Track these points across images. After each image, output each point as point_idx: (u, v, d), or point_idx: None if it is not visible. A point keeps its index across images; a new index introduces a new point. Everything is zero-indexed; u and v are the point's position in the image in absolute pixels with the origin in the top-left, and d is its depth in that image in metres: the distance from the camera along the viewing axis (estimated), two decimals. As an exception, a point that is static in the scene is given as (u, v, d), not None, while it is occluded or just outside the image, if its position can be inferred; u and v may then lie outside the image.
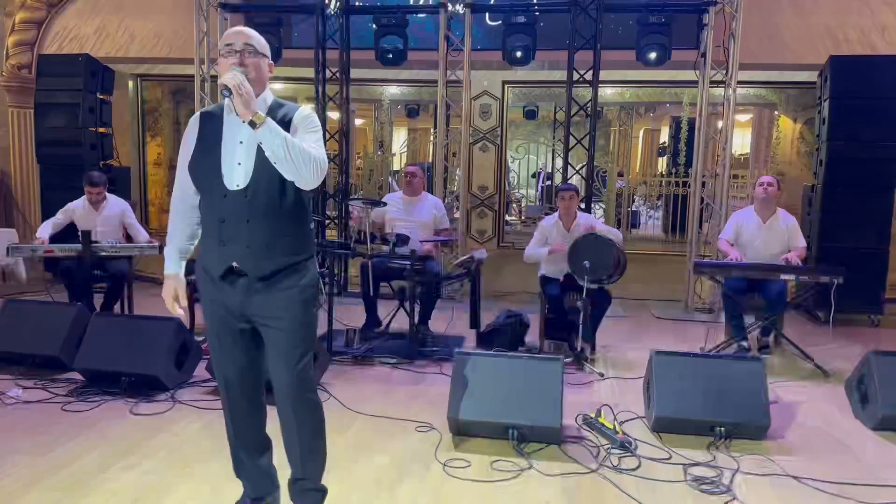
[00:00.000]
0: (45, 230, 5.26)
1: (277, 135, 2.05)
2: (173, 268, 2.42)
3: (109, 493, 2.77)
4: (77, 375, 4.10)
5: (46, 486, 2.82)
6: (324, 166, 2.14)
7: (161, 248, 5.11)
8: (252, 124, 2.04)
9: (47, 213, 7.18)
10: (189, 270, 2.37)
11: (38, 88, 7.21)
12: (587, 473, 3.05)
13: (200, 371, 4.21)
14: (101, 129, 7.32)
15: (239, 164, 2.18)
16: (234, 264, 2.22)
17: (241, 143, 2.18)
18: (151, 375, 3.87)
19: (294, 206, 2.22)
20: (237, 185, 2.18)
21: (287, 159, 2.06)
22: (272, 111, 2.22)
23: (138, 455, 3.13)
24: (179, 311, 2.44)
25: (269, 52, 2.28)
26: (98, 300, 5.34)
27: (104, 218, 5.44)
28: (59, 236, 5.34)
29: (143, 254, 5.14)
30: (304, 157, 2.07)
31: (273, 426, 2.43)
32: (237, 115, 2.10)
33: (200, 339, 4.51)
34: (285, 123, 2.19)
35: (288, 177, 2.12)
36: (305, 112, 2.24)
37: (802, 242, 5.12)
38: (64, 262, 5.21)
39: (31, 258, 5.80)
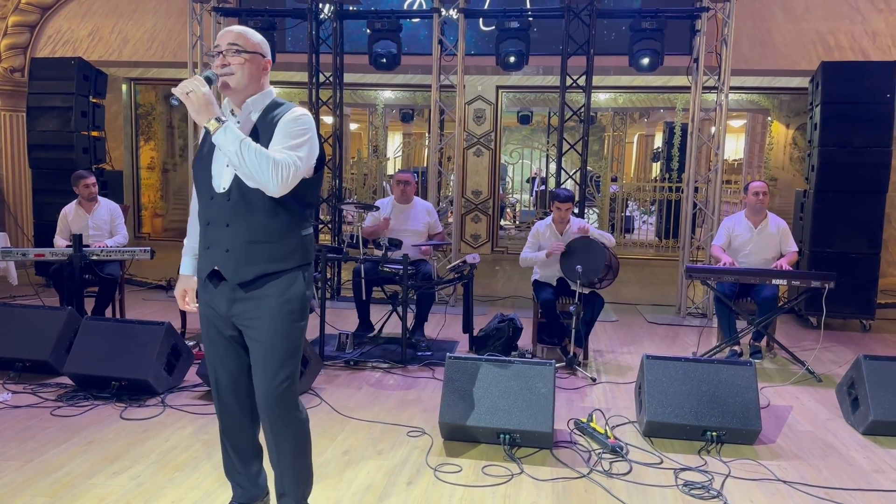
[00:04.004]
0: (59, 242, 5.30)
1: (233, 140, 1.99)
2: (185, 268, 2.42)
3: (98, 498, 2.75)
4: (67, 380, 4.08)
5: (35, 492, 2.80)
6: (287, 172, 2.03)
7: (153, 253, 5.10)
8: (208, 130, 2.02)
9: (39, 216, 7.18)
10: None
11: (31, 92, 7.19)
12: (578, 478, 3.05)
13: (191, 376, 4.20)
14: (94, 133, 7.30)
15: (227, 166, 2.14)
16: (216, 268, 2.19)
17: None
18: (142, 380, 3.85)
19: (280, 211, 2.15)
20: (223, 188, 2.16)
21: (241, 165, 2.00)
22: (267, 112, 2.18)
23: (128, 460, 3.11)
24: (192, 307, 2.42)
25: (263, 49, 2.19)
26: (89, 304, 5.32)
27: (95, 220, 5.43)
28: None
29: (135, 258, 5.10)
30: (260, 162, 1.99)
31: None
32: (233, 114, 2.20)
33: (192, 343, 4.50)
34: (273, 125, 2.14)
35: (249, 183, 2.06)
36: (295, 114, 2.15)
37: (794, 246, 5.14)
38: (55, 266, 5.20)
39: (23, 262, 5.77)
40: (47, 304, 5.15)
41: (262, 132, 2.14)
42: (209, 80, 2.08)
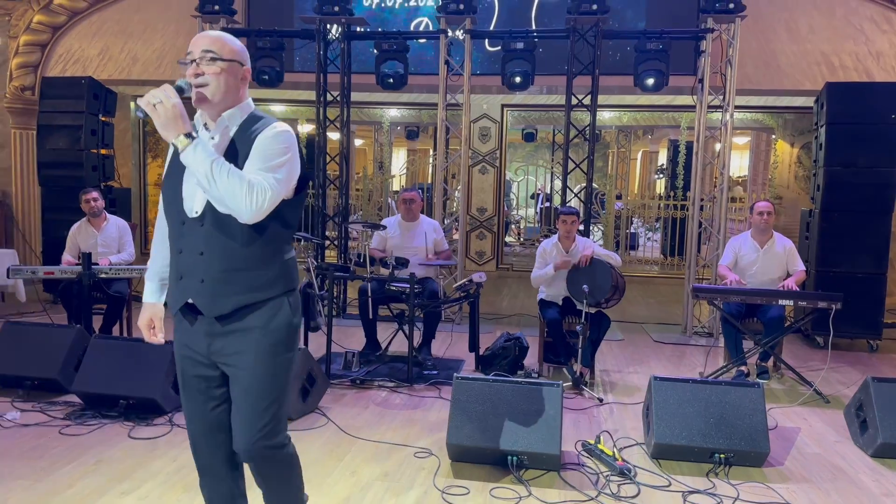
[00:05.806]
0: (67, 259, 5.32)
1: (204, 160, 1.79)
2: (149, 295, 2.18)
3: (106, 519, 2.76)
4: (75, 398, 4.09)
5: (43, 512, 2.80)
6: (263, 197, 1.82)
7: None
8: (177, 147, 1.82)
9: (48, 234, 7.22)
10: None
11: (41, 110, 7.26)
12: (586, 501, 3.04)
13: (199, 394, 4.19)
14: (103, 151, 7.36)
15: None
16: (189, 300, 1.97)
17: None
18: (149, 398, 3.86)
19: (259, 236, 1.93)
20: (195, 212, 1.94)
21: (211, 188, 1.81)
22: (245, 127, 1.96)
23: (136, 480, 3.12)
24: (157, 339, 2.17)
25: (241, 57, 1.97)
26: (97, 322, 5.34)
27: (104, 238, 5.47)
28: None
29: (143, 276, 5.12)
30: (232, 185, 1.79)
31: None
32: (206, 129, 1.98)
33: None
34: (252, 142, 1.92)
35: (219, 209, 1.87)
36: (275, 131, 1.92)
37: (801, 265, 5.14)
38: (63, 283, 5.22)
39: (32, 279, 5.80)
40: (55, 321, 5.17)
41: (240, 150, 1.93)
42: (181, 91, 1.86)
